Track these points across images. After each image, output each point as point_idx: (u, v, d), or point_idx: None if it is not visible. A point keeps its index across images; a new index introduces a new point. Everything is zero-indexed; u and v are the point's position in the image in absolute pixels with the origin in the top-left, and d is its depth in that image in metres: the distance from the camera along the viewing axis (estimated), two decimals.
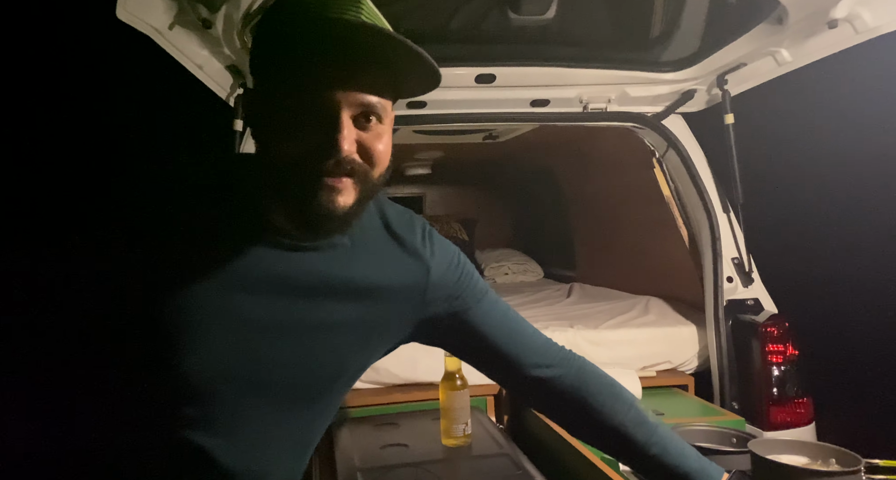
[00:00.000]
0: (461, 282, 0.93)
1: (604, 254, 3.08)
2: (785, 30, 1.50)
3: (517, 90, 1.93)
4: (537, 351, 0.97)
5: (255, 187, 0.77)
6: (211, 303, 0.76)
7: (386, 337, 0.92)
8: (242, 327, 0.78)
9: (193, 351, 0.77)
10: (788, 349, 1.76)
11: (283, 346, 0.81)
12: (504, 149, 3.06)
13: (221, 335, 0.77)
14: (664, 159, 2.12)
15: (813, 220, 2.23)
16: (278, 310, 0.79)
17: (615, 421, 0.95)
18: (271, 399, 0.83)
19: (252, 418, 0.83)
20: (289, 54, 0.70)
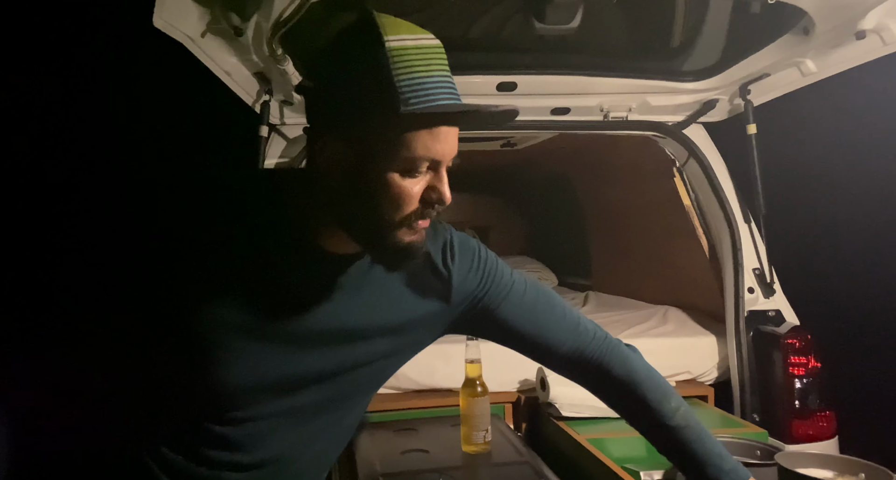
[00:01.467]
0: (483, 284, 0.95)
1: (621, 263, 3.06)
2: (811, 40, 1.50)
3: (538, 98, 1.94)
4: (568, 340, 1.00)
5: (304, 207, 0.78)
6: (255, 319, 0.78)
7: (419, 347, 0.95)
8: (284, 341, 0.80)
9: (239, 365, 0.78)
10: (811, 361, 1.75)
11: (322, 358, 0.83)
12: (521, 156, 3.07)
13: (262, 349, 0.79)
14: (685, 169, 2.11)
15: (836, 231, 2.22)
16: (317, 323, 0.81)
17: (656, 419, 0.98)
18: (302, 412, 0.86)
19: (282, 430, 0.85)
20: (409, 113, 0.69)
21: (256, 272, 0.78)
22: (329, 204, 0.77)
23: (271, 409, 0.83)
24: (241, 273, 0.77)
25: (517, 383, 1.90)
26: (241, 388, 0.80)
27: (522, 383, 1.90)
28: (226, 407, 0.82)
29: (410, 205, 0.74)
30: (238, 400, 0.81)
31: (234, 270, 0.77)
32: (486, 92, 1.87)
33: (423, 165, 0.73)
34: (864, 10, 1.34)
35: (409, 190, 0.73)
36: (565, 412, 1.68)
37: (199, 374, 0.79)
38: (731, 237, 1.95)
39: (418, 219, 0.75)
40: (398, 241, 0.75)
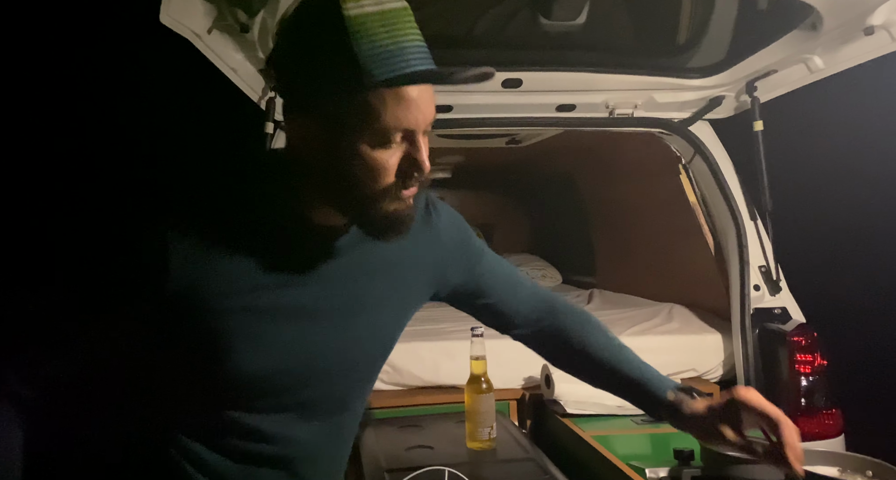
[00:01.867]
0: (466, 240, 0.99)
1: (625, 261, 3.06)
2: (819, 36, 1.49)
3: (543, 95, 1.93)
4: (530, 301, 1.07)
5: (292, 184, 0.78)
6: (262, 301, 0.78)
7: (414, 305, 0.96)
8: (295, 319, 0.80)
9: (253, 350, 0.78)
10: (817, 359, 1.74)
11: (334, 332, 0.84)
12: (525, 153, 3.06)
13: (275, 330, 0.79)
14: (690, 166, 2.10)
15: (843, 228, 2.21)
16: (324, 298, 0.82)
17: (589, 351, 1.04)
18: (328, 384, 0.86)
19: (310, 406, 0.86)
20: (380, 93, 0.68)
21: (258, 255, 0.77)
22: (310, 181, 0.76)
23: (292, 395, 0.84)
24: (245, 258, 0.77)
25: (522, 380, 1.90)
26: (260, 375, 0.80)
27: (527, 380, 1.90)
28: (249, 396, 0.82)
29: (387, 178, 0.73)
30: (259, 387, 0.81)
31: (238, 256, 0.77)
32: (491, 89, 1.86)
33: (396, 136, 0.71)
34: (873, 6, 1.34)
35: (383, 162, 0.72)
36: (570, 409, 1.68)
37: (216, 366, 0.78)
38: (737, 234, 1.94)
39: (400, 190, 0.74)
40: (382, 211, 0.75)
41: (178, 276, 0.74)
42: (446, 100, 1.90)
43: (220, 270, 0.75)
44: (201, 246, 0.74)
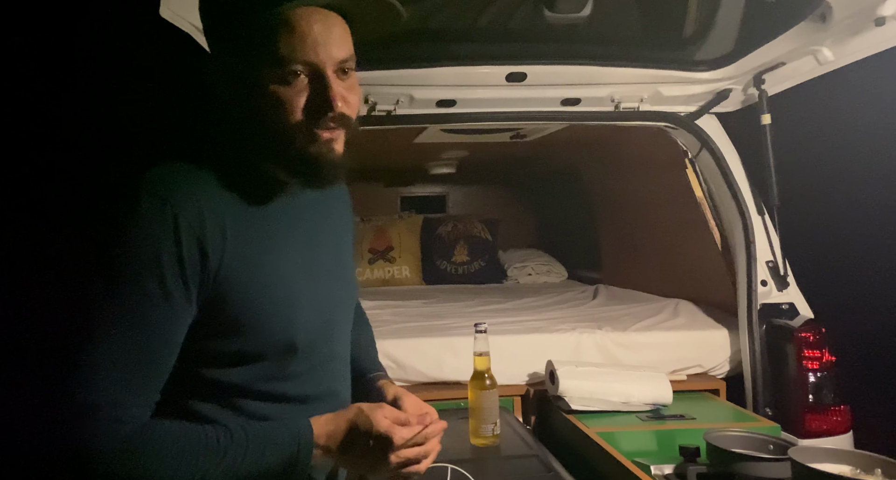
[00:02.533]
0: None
1: (631, 256, 3.04)
2: (828, 28, 1.46)
3: (548, 89, 1.91)
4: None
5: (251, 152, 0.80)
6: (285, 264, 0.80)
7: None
8: (310, 276, 0.84)
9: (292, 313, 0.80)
10: (825, 355, 1.72)
11: (336, 283, 0.90)
12: (530, 148, 3.04)
13: (303, 289, 0.82)
14: (697, 160, 2.08)
15: (851, 222, 2.18)
16: (318, 253, 0.86)
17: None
18: (342, 334, 0.92)
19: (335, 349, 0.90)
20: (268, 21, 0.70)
21: (258, 222, 0.79)
22: (235, 131, 0.78)
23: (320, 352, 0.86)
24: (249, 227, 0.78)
25: (526, 376, 1.89)
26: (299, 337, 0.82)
27: (531, 376, 1.89)
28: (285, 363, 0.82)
29: (292, 115, 0.73)
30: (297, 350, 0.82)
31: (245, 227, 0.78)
32: (496, 82, 1.85)
33: (296, 70, 0.72)
34: None
35: (287, 99, 0.72)
36: (575, 405, 1.67)
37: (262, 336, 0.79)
38: (744, 229, 1.92)
39: (313, 129, 0.74)
40: (301, 154, 0.75)
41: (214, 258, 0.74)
42: (450, 95, 1.89)
43: (240, 244, 0.76)
44: (214, 224, 0.75)
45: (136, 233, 0.71)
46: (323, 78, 0.73)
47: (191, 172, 0.77)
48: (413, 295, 2.94)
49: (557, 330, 1.99)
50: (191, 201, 0.74)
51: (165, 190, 0.73)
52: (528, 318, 2.26)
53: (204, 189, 0.76)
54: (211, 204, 0.75)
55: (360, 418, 0.79)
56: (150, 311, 0.71)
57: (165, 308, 0.72)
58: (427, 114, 1.95)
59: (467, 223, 3.79)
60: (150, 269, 0.71)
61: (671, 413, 1.66)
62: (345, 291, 0.94)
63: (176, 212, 0.72)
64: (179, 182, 0.75)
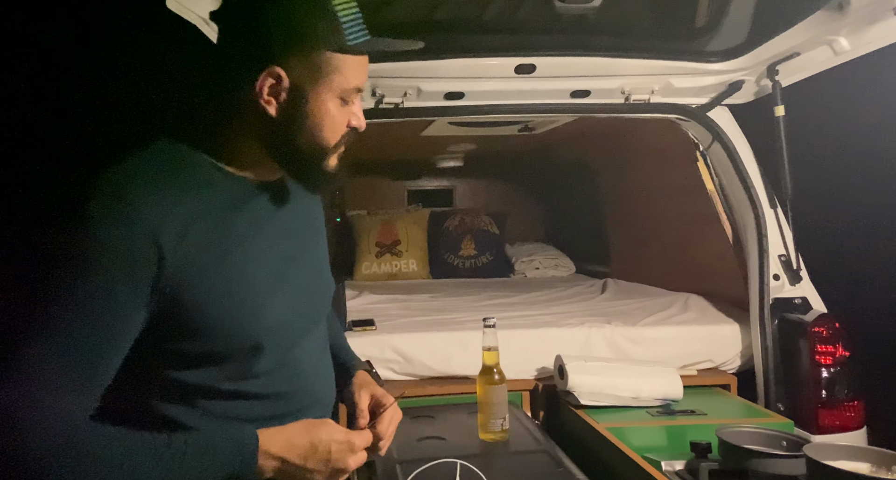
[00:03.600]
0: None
1: (640, 250, 3.01)
2: (845, 17, 1.43)
3: (557, 81, 1.88)
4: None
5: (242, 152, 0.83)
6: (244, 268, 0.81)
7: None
8: (272, 276, 0.84)
9: (266, 307, 0.82)
10: (838, 350, 1.70)
11: (314, 274, 0.94)
12: (538, 141, 3.02)
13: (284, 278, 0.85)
14: (708, 152, 2.05)
15: (866, 216, 2.14)
16: (286, 248, 0.87)
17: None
18: (320, 323, 0.95)
19: (307, 346, 0.91)
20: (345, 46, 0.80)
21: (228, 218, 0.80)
22: (261, 136, 0.82)
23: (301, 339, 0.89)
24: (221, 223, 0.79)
25: (535, 371, 1.88)
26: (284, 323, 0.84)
27: (540, 371, 1.88)
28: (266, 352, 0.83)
29: (343, 132, 0.84)
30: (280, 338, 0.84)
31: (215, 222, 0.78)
32: (504, 74, 1.83)
33: (355, 95, 0.84)
34: None
35: (343, 117, 0.83)
36: (584, 400, 1.66)
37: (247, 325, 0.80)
38: (756, 222, 1.89)
39: (342, 144, 0.85)
40: (325, 166, 0.84)
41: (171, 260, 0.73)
42: (458, 87, 1.87)
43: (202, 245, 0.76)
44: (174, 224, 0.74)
45: (86, 229, 0.70)
46: (356, 100, 0.85)
47: (153, 170, 0.77)
48: (420, 288, 2.94)
49: (566, 325, 1.97)
50: (149, 199, 0.73)
51: (122, 187, 0.73)
52: (537, 312, 2.24)
53: (166, 188, 0.75)
54: (172, 203, 0.74)
55: (317, 429, 0.81)
56: (94, 309, 0.70)
57: (112, 307, 0.71)
58: (435, 107, 1.93)
59: (474, 217, 3.78)
60: (97, 267, 0.70)
61: (682, 409, 1.64)
62: (318, 286, 0.95)
63: (131, 209, 0.71)
64: (139, 179, 0.74)
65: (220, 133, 0.83)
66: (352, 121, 0.85)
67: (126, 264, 0.71)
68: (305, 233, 0.94)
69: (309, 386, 0.90)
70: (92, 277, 0.70)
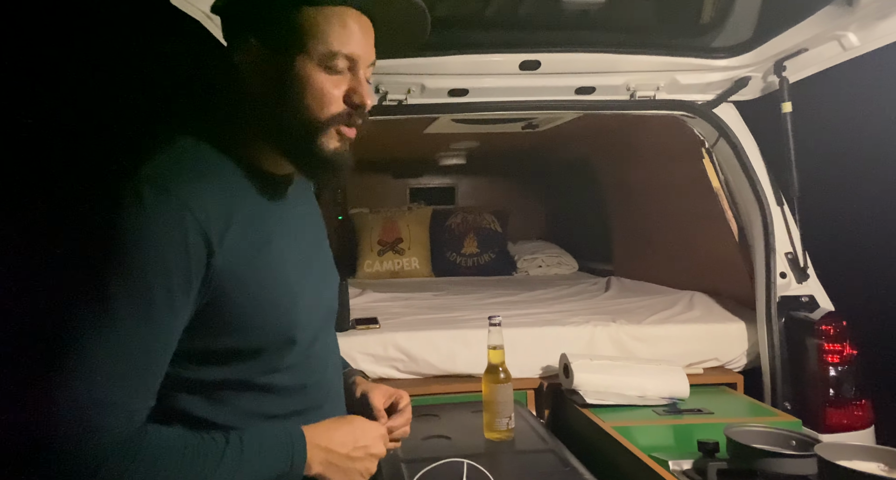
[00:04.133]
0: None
1: (644, 248, 3.00)
2: (855, 12, 1.41)
3: (562, 77, 1.87)
4: None
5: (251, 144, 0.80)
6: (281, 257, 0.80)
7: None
8: (306, 267, 0.85)
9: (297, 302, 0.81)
10: (846, 348, 1.69)
11: (325, 275, 0.93)
12: (541, 138, 3.00)
13: (302, 280, 0.84)
14: (714, 149, 2.04)
15: (872, 214, 2.13)
16: (304, 245, 0.87)
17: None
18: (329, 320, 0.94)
19: (324, 339, 0.91)
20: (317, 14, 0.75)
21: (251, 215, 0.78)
22: (256, 115, 0.78)
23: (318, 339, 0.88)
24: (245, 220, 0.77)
25: (539, 369, 1.87)
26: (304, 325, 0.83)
27: (545, 369, 1.87)
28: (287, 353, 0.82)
29: (333, 104, 0.77)
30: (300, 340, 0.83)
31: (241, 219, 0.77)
32: (509, 71, 1.81)
33: (341, 61, 0.76)
34: None
35: (330, 88, 0.76)
36: (590, 399, 1.65)
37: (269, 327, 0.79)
38: (763, 220, 1.88)
39: (342, 123, 0.78)
40: (323, 148, 0.77)
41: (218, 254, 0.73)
42: (462, 84, 1.85)
43: (241, 240, 0.75)
44: (218, 218, 0.73)
45: (141, 226, 0.68)
46: (357, 74, 0.78)
47: (188, 165, 0.75)
48: (423, 287, 2.93)
49: (571, 323, 1.96)
50: (197, 194, 0.72)
51: (170, 182, 0.71)
52: (541, 311, 2.23)
53: (206, 184, 0.74)
54: (215, 198, 0.74)
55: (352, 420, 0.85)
56: (152, 308, 0.68)
57: (168, 305, 0.69)
58: (439, 104, 1.92)
59: (477, 214, 3.76)
60: (154, 264, 0.68)
61: (688, 408, 1.63)
62: (331, 281, 0.96)
63: (180, 203, 0.70)
64: (184, 174, 0.73)
65: (229, 124, 0.81)
66: (352, 97, 0.77)
67: (181, 257, 0.69)
68: (315, 228, 0.94)
69: (327, 379, 0.91)
70: (149, 270, 0.68)
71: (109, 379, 0.66)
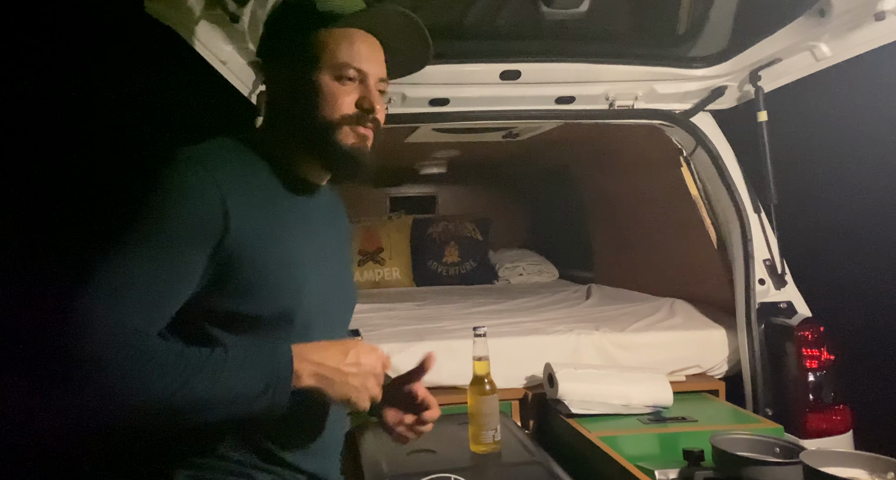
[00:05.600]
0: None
1: (624, 255, 3.02)
2: (827, 23, 1.45)
3: (542, 87, 1.88)
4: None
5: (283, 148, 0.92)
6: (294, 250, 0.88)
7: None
8: (310, 264, 0.90)
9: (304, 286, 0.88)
10: (823, 354, 1.71)
11: (340, 277, 0.99)
12: (522, 147, 3.01)
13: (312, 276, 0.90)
14: (692, 158, 2.06)
15: (849, 220, 2.17)
16: (321, 249, 0.94)
17: None
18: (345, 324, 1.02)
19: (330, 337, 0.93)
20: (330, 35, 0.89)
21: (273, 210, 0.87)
22: (285, 122, 0.91)
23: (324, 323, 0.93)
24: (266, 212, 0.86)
25: (524, 379, 1.86)
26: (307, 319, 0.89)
27: (529, 379, 1.86)
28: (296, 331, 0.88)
29: (344, 107, 0.89)
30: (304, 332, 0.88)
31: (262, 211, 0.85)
32: (489, 80, 1.81)
33: (350, 72, 0.89)
34: None
35: (341, 94, 0.89)
36: (574, 408, 1.64)
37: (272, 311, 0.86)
38: (741, 227, 1.90)
39: (353, 123, 0.89)
40: (342, 143, 0.89)
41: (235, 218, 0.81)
42: (443, 93, 1.85)
43: (258, 216, 0.84)
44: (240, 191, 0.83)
45: (168, 186, 0.80)
46: (367, 84, 0.90)
47: (224, 153, 0.87)
48: (405, 297, 2.90)
49: (555, 332, 1.96)
50: (223, 171, 0.83)
51: (204, 157, 0.83)
52: (524, 319, 2.22)
53: (235, 168, 0.85)
54: (238, 180, 0.84)
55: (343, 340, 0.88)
56: (175, 244, 0.78)
57: (186, 247, 0.79)
58: (420, 113, 1.92)
59: (458, 223, 3.76)
60: (182, 212, 0.79)
61: (672, 416, 1.63)
62: (344, 294, 1.02)
63: (209, 175, 0.81)
64: (215, 156, 0.85)
65: (264, 132, 0.95)
66: (362, 103, 0.90)
67: (197, 215, 0.80)
68: (336, 242, 1.02)
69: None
70: (177, 218, 0.79)
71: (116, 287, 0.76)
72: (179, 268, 0.80)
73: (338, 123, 0.89)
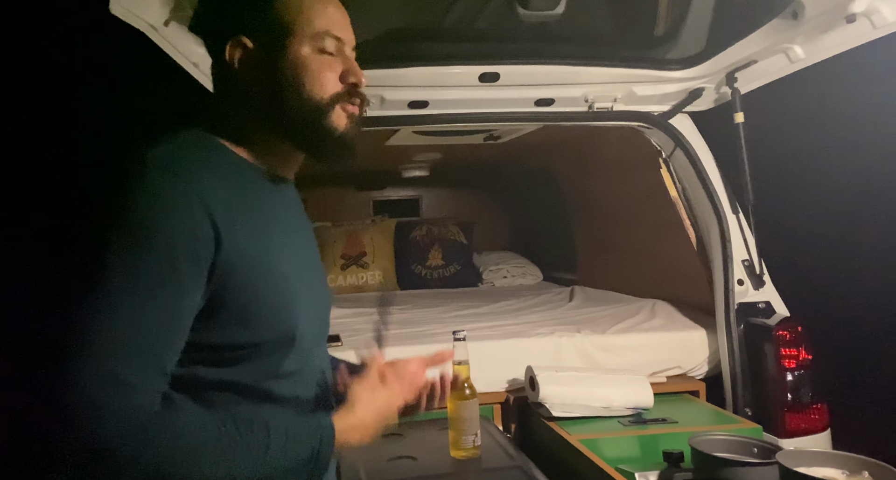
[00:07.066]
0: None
1: (606, 257, 3.03)
2: (800, 25, 1.46)
3: (521, 89, 1.88)
4: None
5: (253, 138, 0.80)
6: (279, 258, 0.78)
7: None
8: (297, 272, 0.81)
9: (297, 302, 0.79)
10: (801, 353, 1.72)
11: (315, 280, 0.88)
12: (503, 150, 3.02)
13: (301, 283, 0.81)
14: (671, 159, 2.07)
15: (826, 221, 2.20)
16: (303, 249, 0.86)
17: None
18: (325, 329, 0.92)
19: (319, 353, 0.89)
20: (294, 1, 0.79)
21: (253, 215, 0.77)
22: (256, 111, 0.79)
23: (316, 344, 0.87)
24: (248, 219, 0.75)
25: (506, 383, 1.85)
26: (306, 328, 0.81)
27: (511, 383, 1.85)
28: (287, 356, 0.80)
29: (332, 83, 0.79)
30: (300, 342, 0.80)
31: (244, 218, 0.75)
32: (468, 83, 1.81)
33: (330, 42, 0.79)
34: None
35: (325, 69, 0.79)
36: (556, 412, 1.63)
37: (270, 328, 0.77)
38: (720, 228, 1.91)
39: (345, 101, 0.80)
40: (334, 127, 0.79)
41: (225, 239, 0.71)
42: (422, 96, 1.84)
43: (245, 230, 0.74)
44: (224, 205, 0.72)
45: (146, 207, 0.67)
46: (346, 55, 0.81)
47: (195, 154, 0.75)
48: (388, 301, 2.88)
49: (537, 335, 1.95)
50: (202, 180, 0.71)
51: (176, 164, 0.71)
52: (507, 322, 2.22)
53: (213, 172, 0.74)
54: (220, 188, 0.73)
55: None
56: (161, 280, 0.66)
57: (176, 281, 0.67)
58: (399, 116, 1.90)
59: (441, 226, 3.75)
60: (162, 240, 0.67)
61: (653, 417, 1.63)
62: (325, 292, 0.94)
63: (188, 187, 0.69)
64: (188, 161, 0.73)
65: (229, 123, 0.80)
66: (348, 77, 0.80)
67: (188, 239, 0.68)
68: (307, 242, 0.91)
69: (323, 394, 0.86)
70: (156, 250, 0.66)
71: (111, 355, 0.63)
72: (180, 309, 0.68)
73: (327, 104, 0.78)
